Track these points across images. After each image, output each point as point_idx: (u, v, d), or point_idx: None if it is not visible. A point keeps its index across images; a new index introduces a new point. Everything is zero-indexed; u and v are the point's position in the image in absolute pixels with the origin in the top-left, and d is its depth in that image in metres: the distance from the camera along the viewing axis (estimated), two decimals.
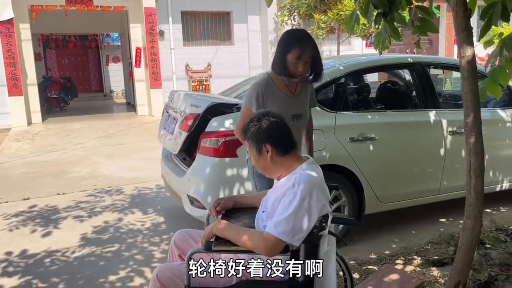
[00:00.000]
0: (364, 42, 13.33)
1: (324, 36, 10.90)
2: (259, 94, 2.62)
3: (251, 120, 1.95)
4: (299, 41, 2.52)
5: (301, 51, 2.51)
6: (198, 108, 3.48)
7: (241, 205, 2.20)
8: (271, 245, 1.74)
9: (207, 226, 2.32)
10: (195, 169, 3.47)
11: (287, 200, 1.75)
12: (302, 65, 2.55)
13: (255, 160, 1.95)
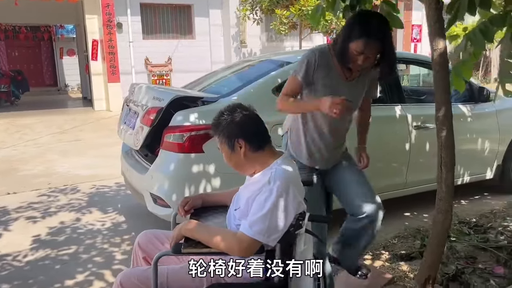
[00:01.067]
0: (325, 38, 13.43)
1: (286, 31, 10.87)
2: (310, 63, 2.23)
3: (221, 113, 1.82)
4: (365, 31, 2.07)
5: (365, 44, 2.08)
6: (161, 101, 3.31)
7: (210, 203, 2.08)
8: (246, 246, 1.63)
9: (175, 227, 2.21)
10: (158, 165, 3.30)
11: (262, 197, 1.65)
12: (363, 59, 2.14)
13: (227, 157, 1.83)
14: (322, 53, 2.25)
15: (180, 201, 2.06)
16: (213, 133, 1.85)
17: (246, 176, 1.95)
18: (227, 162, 1.86)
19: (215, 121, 1.82)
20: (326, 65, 2.24)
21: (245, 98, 3.38)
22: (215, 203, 2.08)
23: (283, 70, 3.55)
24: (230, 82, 4.05)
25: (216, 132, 1.82)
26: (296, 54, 4.35)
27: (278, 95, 3.38)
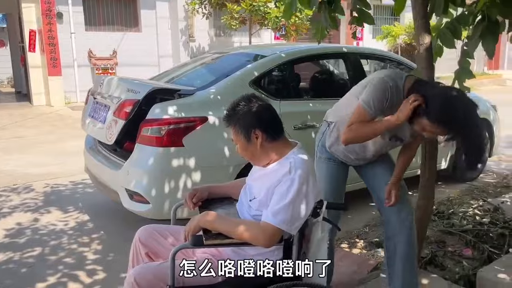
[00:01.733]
0: (274, 34, 13.57)
1: (237, 26, 10.85)
2: (382, 100, 2.03)
3: (236, 104, 1.79)
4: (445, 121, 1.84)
5: (437, 130, 1.91)
6: (137, 93, 3.19)
7: (216, 195, 2.04)
8: (270, 235, 1.62)
9: (175, 220, 2.16)
10: (135, 160, 3.19)
11: (284, 187, 1.65)
12: (428, 134, 1.98)
13: (243, 148, 1.80)
14: (396, 89, 2.04)
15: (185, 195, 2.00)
16: (227, 124, 1.81)
17: (254, 168, 1.93)
18: (241, 153, 1.83)
19: (230, 111, 1.79)
20: (395, 102, 2.03)
21: (223, 91, 3.37)
22: (221, 195, 2.05)
23: (260, 63, 3.56)
24: (202, 75, 3.99)
25: (231, 123, 1.79)
26: (268, 47, 4.38)
27: (255, 88, 3.41)
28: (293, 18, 10.69)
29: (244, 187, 1.93)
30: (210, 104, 3.27)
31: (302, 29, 11.22)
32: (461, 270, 2.76)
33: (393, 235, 2.35)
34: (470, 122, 1.81)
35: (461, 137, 1.83)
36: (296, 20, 10.69)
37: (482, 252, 2.96)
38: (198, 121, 3.16)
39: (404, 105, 1.93)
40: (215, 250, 1.81)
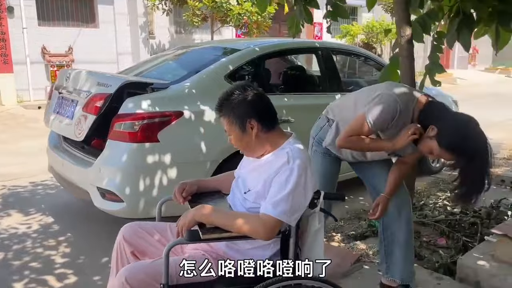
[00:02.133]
0: (236, 32, 13.50)
1: (199, 23, 10.70)
2: (388, 119, 2.00)
3: (230, 92, 1.72)
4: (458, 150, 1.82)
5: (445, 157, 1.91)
6: (108, 87, 3.04)
7: (206, 189, 1.96)
8: (271, 227, 1.57)
9: (160, 216, 2.06)
10: (107, 157, 3.04)
11: (283, 177, 1.60)
12: (436, 157, 2.01)
13: (238, 139, 1.73)
14: (405, 112, 1.99)
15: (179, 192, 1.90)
16: (220, 114, 1.73)
17: (245, 160, 1.87)
18: (235, 144, 1.76)
19: (223, 100, 1.72)
20: (400, 124, 2.02)
21: (198, 85, 3.28)
22: (210, 189, 1.98)
23: (235, 57, 3.49)
24: (173, 69, 3.87)
25: (225, 113, 1.71)
26: (239, 41, 4.32)
27: (231, 82, 3.35)
28: (255, 16, 10.68)
29: (236, 180, 1.87)
30: (185, 98, 3.17)
31: (264, 27, 11.22)
32: (439, 258, 2.81)
33: (391, 224, 2.36)
34: (479, 153, 1.79)
35: (467, 166, 1.80)
36: (258, 17, 10.67)
37: (457, 241, 3.04)
38: (174, 115, 3.06)
39: (403, 135, 1.95)
40: (207, 245, 1.74)
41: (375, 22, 14.23)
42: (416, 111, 2.00)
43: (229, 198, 1.87)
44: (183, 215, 1.67)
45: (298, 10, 3.42)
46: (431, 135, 1.87)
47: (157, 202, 2.97)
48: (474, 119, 1.90)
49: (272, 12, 11.05)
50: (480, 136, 1.83)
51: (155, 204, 2.97)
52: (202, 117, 3.17)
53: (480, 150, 1.79)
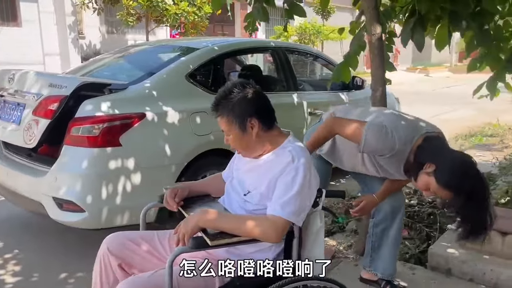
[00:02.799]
0: (170, 33, 13.22)
1: (134, 23, 10.32)
2: (384, 151, 2.00)
3: (229, 91, 1.64)
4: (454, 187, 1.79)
5: (444, 195, 1.84)
6: (62, 88, 2.80)
7: (195, 193, 1.86)
8: (281, 229, 1.52)
9: (144, 225, 1.94)
10: (63, 164, 2.80)
11: (289, 177, 1.55)
12: (430, 195, 1.94)
13: (237, 139, 1.65)
14: (402, 149, 1.97)
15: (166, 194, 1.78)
16: (217, 114, 1.65)
17: (240, 160, 1.80)
18: (233, 144, 1.68)
19: (221, 99, 1.63)
20: (394, 159, 2.04)
21: (158, 85, 3.15)
22: (200, 193, 1.88)
23: (195, 56, 3.38)
24: (127, 68, 3.68)
25: (223, 112, 1.63)
26: (194, 40, 4.21)
27: (192, 81, 3.25)
28: (192, 16, 10.52)
29: (230, 182, 1.80)
30: (146, 99, 3.02)
31: (201, 27, 11.08)
32: (407, 249, 2.92)
33: (383, 222, 2.39)
34: (477, 192, 1.77)
35: (464, 205, 1.77)
36: (195, 18, 10.53)
37: (419, 232, 3.17)
38: (136, 117, 2.90)
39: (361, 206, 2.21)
40: (205, 252, 1.64)
41: (308, 24, 14.62)
42: (415, 146, 1.98)
43: (223, 201, 1.80)
44: (184, 221, 1.56)
45: (256, 9, 3.40)
46: (428, 171, 1.85)
47: (121, 210, 2.87)
48: (471, 157, 1.93)
49: (208, 12, 10.96)
50: (478, 175, 1.82)
51: (119, 212, 2.87)
52: (165, 119, 3.03)
53: (477, 189, 1.78)
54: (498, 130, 6.94)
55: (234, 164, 1.86)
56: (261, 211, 1.61)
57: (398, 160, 2.03)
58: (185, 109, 3.14)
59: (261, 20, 3.61)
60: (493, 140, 6.30)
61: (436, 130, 2.06)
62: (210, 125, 3.21)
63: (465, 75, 16.28)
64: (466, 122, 8.25)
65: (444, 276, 2.54)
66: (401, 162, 2.04)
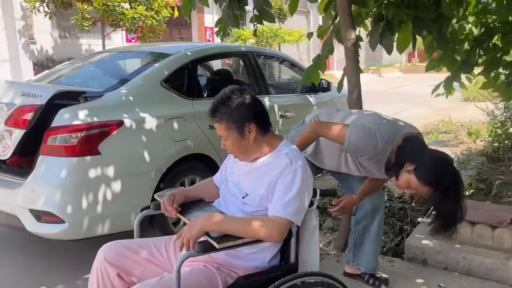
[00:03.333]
0: (126, 37, 12.99)
1: (89, 27, 10.05)
2: (367, 152, 2.09)
3: (227, 97, 1.68)
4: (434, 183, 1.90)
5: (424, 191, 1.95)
6: (37, 97, 2.74)
7: (191, 198, 1.88)
8: (284, 229, 1.58)
9: (139, 232, 1.94)
10: (41, 175, 2.73)
11: (288, 179, 1.61)
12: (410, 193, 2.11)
13: (235, 143, 1.69)
14: (384, 149, 2.07)
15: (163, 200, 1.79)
16: (216, 119, 1.69)
17: (235, 164, 1.84)
18: (231, 148, 1.72)
19: (219, 105, 1.67)
20: (375, 160, 2.14)
21: (134, 91, 3.14)
22: (195, 198, 1.90)
23: (169, 62, 3.38)
24: (98, 76, 3.62)
25: (221, 118, 1.67)
26: (164, 45, 4.20)
27: (167, 87, 3.26)
28: (150, 20, 10.39)
29: (225, 185, 1.84)
30: (123, 106, 3.00)
31: (159, 31, 10.95)
32: (383, 243, 3.06)
33: (364, 219, 2.49)
34: (453, 187, 1.88)
35: (441, 200, 1.88)
36: (153, 22, 10.39)
37: (393, 226, 3.33)
38: (114, 125, 2.87)
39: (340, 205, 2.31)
40: (206, 256, 1.68)
41: (265, 27, 14.80)
42: (395, 146, 2.08)
43: (218, 205, 1.83)
44: (187, 226, 1.59)
45: (226, 14, 3.45)
46: (409, 169, 1.95)
47: (102, 218, 2.84)
48: (448, 155, 2.04)
49: (166, 16, 10.86)
50: (454, 171, 1.95)
51: (99, 221, 2.84)
52: (143, 125, 3.02)
53: (454, 185, 1.89)
54: (451, 127, 7.34)
55: (227, 168, 1.90)
56: (260, 212, 1.66)
57: (379, 160, 2.14)
58: (162, 115, 3.14)
59: (232, 26, 3.66)
60: (448, 137, 6.66)
61: (415, 130, 2.19)
62: (187, 131, 3.24)
63: (415, 75, 17.26)
64: (421, 119, 8.65)
65: (421, 266, 2.69)
66: (382, 162, 2.15)
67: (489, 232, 2.61)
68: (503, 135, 4.57)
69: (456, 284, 2.50)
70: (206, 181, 2.03)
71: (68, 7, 10.34)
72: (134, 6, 10.13)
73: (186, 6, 3.53)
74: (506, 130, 4.60)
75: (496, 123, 4.97)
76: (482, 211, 2.81)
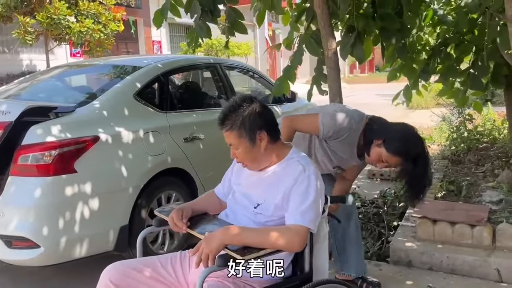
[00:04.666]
0: (70, 51, 12.50)
1: (33, 41, 9.55)
2: (339, 134, 2.16)
3: (237, 105, 1.64)
4: (401, 152, 1.99)
5: (391, 160, 2.04)
6: (5, 114, 2.55)
7: (196, 212, 1.81)
8: (304, 237, 1.56)
9: (141, 250, 1.85)
10: (11, 197, 2.54)
11: (302, 186, 1.59)
12: (384, 166, 2.13)
13: (246, 152, 1.65)
14: (354, 132, 2.17)
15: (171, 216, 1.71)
16: (226, 128, 1.65)
17: (242, 174, 1.80)
18: (241, 157, 1.69)
19: (229, 113, 1.64)
20: (347, 141, 2.21)
21: (107, 105, 3.02)
22: (199, 211, 1.83)
23: (140, 74, 3.27)
24: (65, 90, 3.45)
25: (232, 126, 1.63)
26: (132, 58, 4.09)
27: (140, 100, 3.15)
28: (97, 33, 10.06)
29: (233, 196, 1.80)
30: (98, 121, 2.86)
31: (107, 45, 10.63)
32: (366, 248, 3.11)
33: (340, 226, 2.48)
34: (422, 154, 2.00)
35: (413, 169, 1.97)
36: (100, 35, 10.07)
37: (371, 231, 3.40)
38: (90, 141, 2.73)
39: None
40: (220, 271, 1.62)
41: (214, 40, 14.80)
42: (363, 126, 2.18)
43: (225, 217, 1.79)
44: (204, 241, 1.53)
45: (199, 26, 3.42)
46: (378, 143, 2.06)
47: (80, 240, 2.68)
48: (410, 125, 2.15)
49: (115, 30, 10.58)
50: (419, 139, 2.07)
51: (77, 243, 2.68)
52: (119, 140, 2.90)
53: (422, 151, 2.01)
54: None
55: (232, 179, 1.86)
56: (274, 222, 1.64)
57: (351, 142, 2.21)
58: (138, 129, 3.03)
59: (204, 37, 3.64)
60: None
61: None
62: (163, 145, 3.15)
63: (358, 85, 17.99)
64: None
65: (407, 268, 2.76)
66: (354, 145, 2.23)
67: (468, 230, 2.73)
68: (459, 139, 4.84)
69: (444, 283, 2.59)
70: (208, 194, 1.97)
71: (8, 20, 9.79)
72: (80, 19, 9.78)
73: (158, 18, 3.50)
74: (461, 135, 4.88)
75: (452, 128, 5.25)
76: (458, 210, 2.94)
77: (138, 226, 2.88)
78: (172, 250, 3.17)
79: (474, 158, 4.37)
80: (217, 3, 3.40)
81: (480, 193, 3.52)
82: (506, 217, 3.02)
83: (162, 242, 3.15)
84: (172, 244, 3.19)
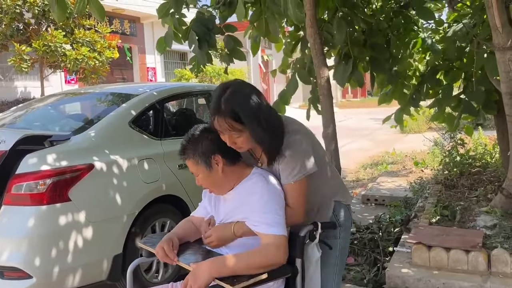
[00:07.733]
0: (65, 78, 12.59)
1: (28, 69, 9.60)
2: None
3: (191, 134, 1.73)
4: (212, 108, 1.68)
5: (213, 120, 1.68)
6: (0, 143, 2.56)
7: (181, 241, 1.82)
8: (284, 245, 1.60)
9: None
10: (4, 227, 2.53)
11: (256, 196, 1.65)
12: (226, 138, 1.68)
13: (205, 177, 1.71)
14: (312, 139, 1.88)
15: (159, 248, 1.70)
16: (185, 157, 1.73)
17: (216, 203, 1.83)
18: (203, 183, 1.75)
19: (186, 144, 1.73)
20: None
21: (103, 133, 3.04)
22: (183, 241, 1.84)
23: (135, 102, 3.30)
24: (60, 118, 3.46)
25: (189, 155, 1.71)
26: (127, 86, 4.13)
27: (135, 128, 3.18)
28: (92, 61, 10.15)
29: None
30: (93, 149, 2.87)
31: (102, 72, 10.71)
32: (361, 275, 3.10)
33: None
34: (257, 108, 1.65)
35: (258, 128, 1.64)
36: (95, 63, 10.16)
37: (367, 257, 3.39)
38: (84, 169, 2.74)
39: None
40: None
41: (209, 67, 14.98)
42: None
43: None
44: (191, 275, 1.53)
45: (199, 54, 3.50)
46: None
47: (73, 270, 2.66)
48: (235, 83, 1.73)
49: (110, 57, 10.69)
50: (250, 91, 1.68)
51: (70, 273, 2.65)
52: (114, 168, 2.91)
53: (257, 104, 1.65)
54: (397, 158, 7.71)
55: (211, 205, 1.88)
56: (253, 238, 1.67)
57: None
58: (132, 157, 3.05)
59: (205, 63, 3.75)
60: (396, 167, 6.98)
61: None
62: (157, 172, 3.16)
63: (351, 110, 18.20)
64: (366, 152, 9.04)
65: None
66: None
67: (463, 256, 2.73)
68: (451, 164, 4.88)
69: None
70: (185, 221, 1.96)
71: (4, 48, 9.89)
72: (76, 47, 9.88)
73: (161, 45, 3.61)
74: (454, 159, 4.92)
75: (444, 152, 5.30)
76: (453, 236, 2.94)
77: (132, 255, 2.86)
78: (166, 278, 3.15)
79: (467, 182, 4.40)
80: (214, 33, 3.48)
81: (474, 218, 3.53)
82: (501, 242, 3.02)
83: (156, 271, 3.12)
84: (166, 273, 3.16)
